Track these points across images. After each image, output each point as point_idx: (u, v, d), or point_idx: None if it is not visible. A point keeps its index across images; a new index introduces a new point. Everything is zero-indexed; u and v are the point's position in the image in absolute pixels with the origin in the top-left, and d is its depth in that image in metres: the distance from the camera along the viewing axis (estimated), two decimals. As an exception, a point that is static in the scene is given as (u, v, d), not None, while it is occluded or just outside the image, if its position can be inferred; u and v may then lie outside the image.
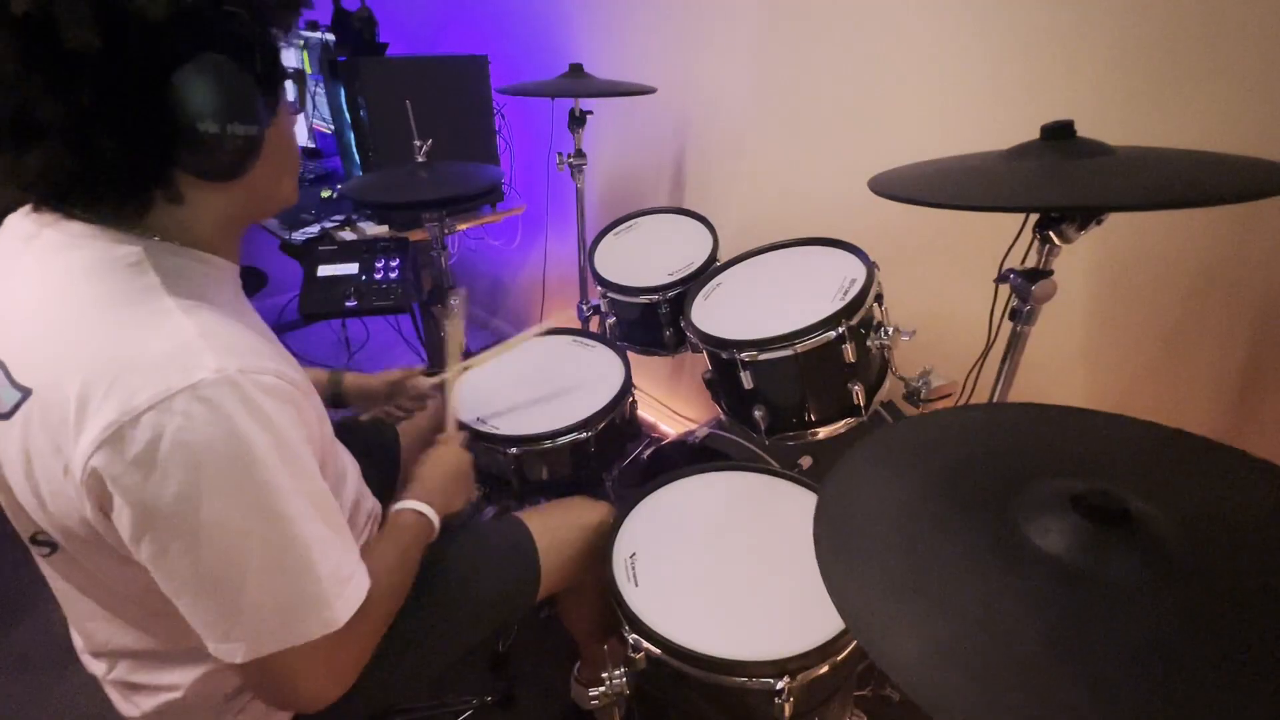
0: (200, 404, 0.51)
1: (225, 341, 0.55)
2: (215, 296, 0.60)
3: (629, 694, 0.84)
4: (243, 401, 0.53)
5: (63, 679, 1.38)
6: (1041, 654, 0.41)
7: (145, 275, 0.56)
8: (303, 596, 0.58)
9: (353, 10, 1.86)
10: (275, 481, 0.55)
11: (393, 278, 1.48)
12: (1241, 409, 1.03)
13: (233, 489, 0.53)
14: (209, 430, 0.51)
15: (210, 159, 0.56)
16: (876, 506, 0.54)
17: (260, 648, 0.57)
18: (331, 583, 0.59)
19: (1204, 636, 0.40)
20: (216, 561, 0.54)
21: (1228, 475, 0.53)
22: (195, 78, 0.52)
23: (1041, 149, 0.73)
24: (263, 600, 0.56)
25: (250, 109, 0.56)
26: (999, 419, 0.66)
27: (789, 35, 1.36)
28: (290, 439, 0.57)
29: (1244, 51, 0.89)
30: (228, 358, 0.53)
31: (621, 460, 1.54)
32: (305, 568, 0.57)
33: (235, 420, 0.52)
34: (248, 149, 0.57)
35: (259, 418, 0.54)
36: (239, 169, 0.58)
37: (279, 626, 0.57)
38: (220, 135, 0.54)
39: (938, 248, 1.29)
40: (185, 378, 0.51)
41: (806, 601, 0.81)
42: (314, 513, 0.59)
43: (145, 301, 0.55)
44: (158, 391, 0.50)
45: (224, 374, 0.52)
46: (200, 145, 0.54)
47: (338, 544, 0.62)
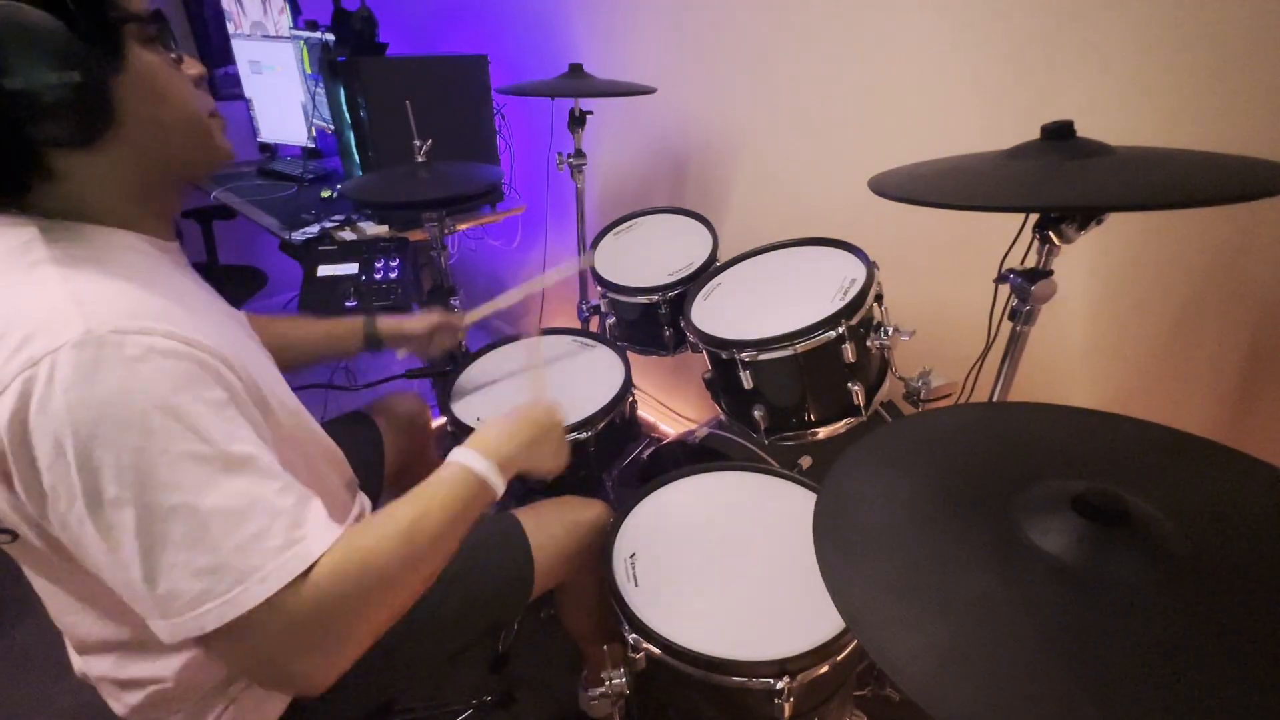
0: (63, 369, 0.48)
1: (103, 303, 0.52)
2: (121, 266, 0.57)
3: (629, 694, 0.84)
4: (111, 362, 0.49)
5: (63, 679, 1.37)
6: (1041, 654, 0.41)
7: (31, 252, 0.54)
8: (203, 571, 0.51)
9: (353, 10, 1.85)
10: (158, 446, 0.50)
11: (393, 278, 1.48)
12: (1241, 409, 1.03)
13: (102, 455, 0.49)
14: (73, 396, 0.48)
15: (46, 121, 0.52)
16: (876, 506, 0.54)
17: (179, 629, 0.51)
18: (244, 554, 0.52)
19: (1204, 636, 0.40)
20: (103, 535, 0.50)
21: (1228, 475, 0.53)
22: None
23: (1041, 149, 0.73)
24: (158, 577, 0.51)
25: (61, 54, 0.51)
26: (999, 419, 0.66)
27: (789, 35, 1.36)
28: (180, 399, 0.52)
29: (1244, 51, 0.89)
30: (99, 318, 0.50)
31: (621, 460, 1.54)
32: (202, 540, 0.51)
33: (102, 383, 0.49)
34: (83, 102, 0.53)
35: (133, 378, 0.50)
36: (86, 127, 0.54)
37: (186, 605, 0.51)
38: (36, 91, 0.50)
39: (938, 248, 1.29)
40: (48, 344, 0.48)
41: (806, 601, 0.81)
42: (222, 476, 0.53)
43: (22, 274, 0.53)
44: (22, 362, 0.48)
45: (91, 335, 0.49)
46: (25, 109, 0.50)
47: (267, 508, 0.55)
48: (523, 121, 2.12)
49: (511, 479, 0.74)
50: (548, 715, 1.33)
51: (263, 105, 2.41)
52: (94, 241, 0.57)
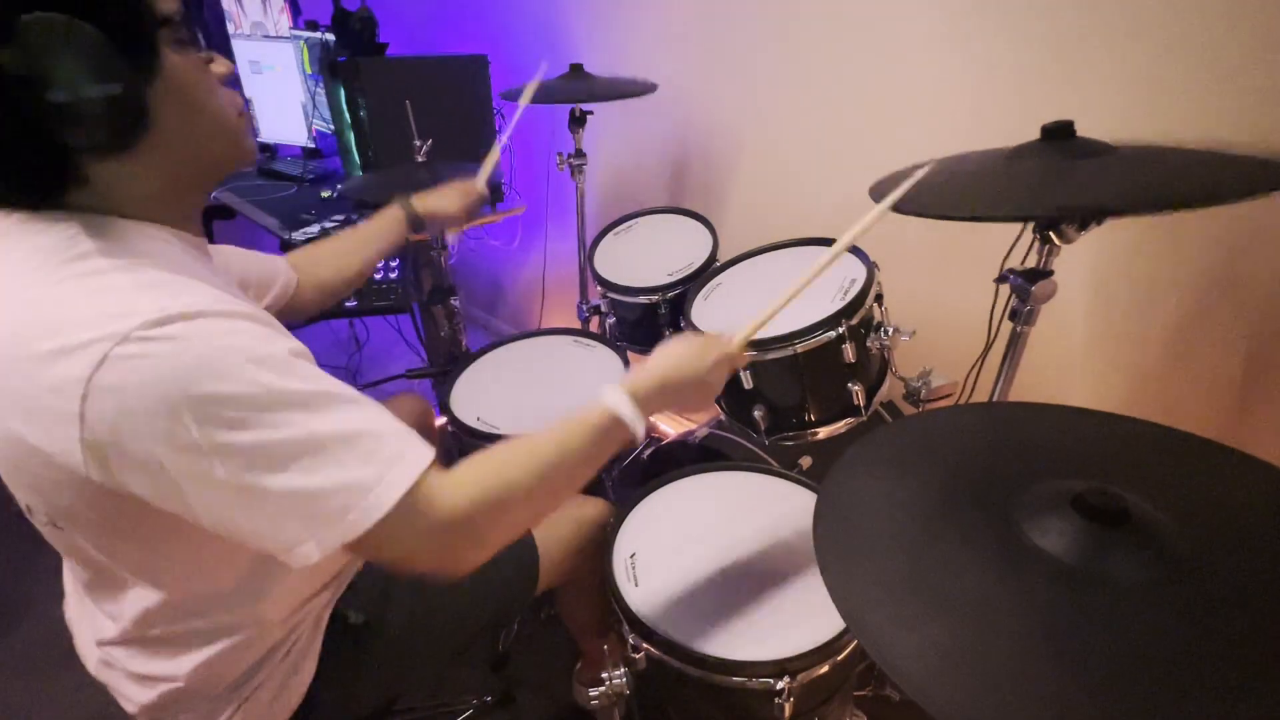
0: (153, 340, 0.49)
1: (167, 288, 0.53)
2: (165, 261, 0.58)
3: (629, 694, 0.84)
4: (196, 329, 0.51)
5: (63, 679, 1.38)
6: (1041, 654, 0.41)
7: (79, 245, 0.54)
8: (336, 491, 0.54)
9: (353, 10, 1.85)
10: (260, 389, 0.52)
11: (393, 278, 1.48)
12: (1241, 409, 1.03)
13: (216, 411, 0.50)
14: (171, 362, 0.49)
15: (83, 131, 0.52)
16: (876, 506, 0.54)
17: (324, 543, 0.54)
18: (369, 467, 0.55)
19: (1204, 636, 0.40)
20: (238, 485, 0.52)
21: (1228, 475, 0.53)
22: (28, 45, 0.49)
23: (1041, 149, 0.73)
24: (297, 506, 0.53)
25: (100, 66, 0.52)
26: (999, 419, 0.66)
27: (789, 35, 1.36)
28: (265, 349, 0.54)
29: (1245, 51, 0.89)
30: (171, 300, 0.52)
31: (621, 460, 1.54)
32: (326, 463, 0.54)
33: (194, 346, 0.50)
34: (120, 111, 0.53)
35: (219, 337, 0.52)
36: (122, 135, 0.55)
37: (330, 517, 0.54)
38: (76, 103, 0.51)
39: (938, 248, 1.29)
40: (128, 321, 0.49)
41: (806, 601, 0.81)
42: (319, 405, 0.55)
43: (76, 267, 0.53)
44: (107, 339, 0.49)
45: (166, 311, 0.50)
46: (63, 119, 0.51)
47: (369, 425, 0.57)
48: (523, 121, 2.11)
49: None
50: (548, 715, 1.33)
51: (263, 105, 2.41)
52: (134, 238, 0.58)
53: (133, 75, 0.54)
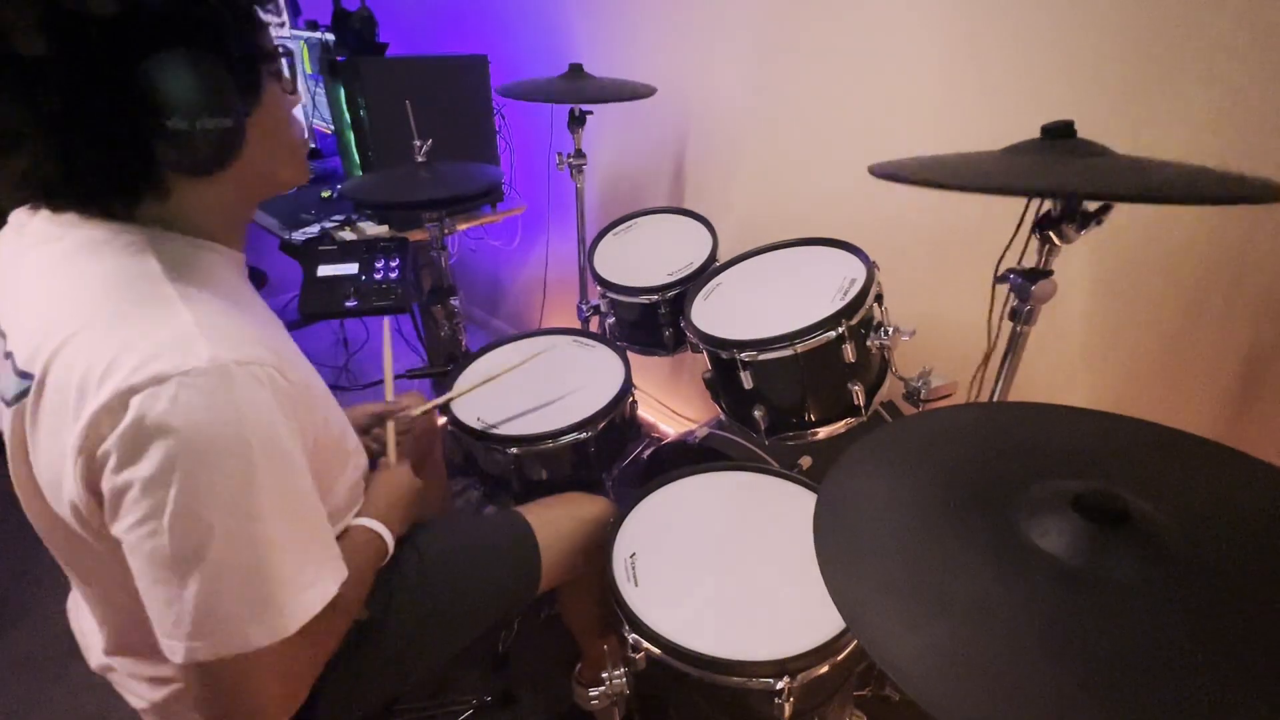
0: (188, 390, 0.51)
1: (223, 331, 0.55)
2: (217, 284, 0.60)
3: (629, 694, 0.84)
4: (231, 391, 0.53)
5: (63, 679, 1.37)
6: (1041, 654, 0.41)
7: (146, 262, 0.56)
8: (254, 599, 0.55)
9: (353, 10, 1.85)
10: (250, 475, 0.54)
11: (393, 278, 1.48)
12: (1241, 409, 1.03)
13: (206, 477, 0.52)
14: (193, 416, 0.51)
15: (185, 155, 0.55)
16: (876, 506, 0.54)
17: (199, 650, 0.54)
18: (290, 588, 0.57)
19: (1204, 636, 0.40)
20: (175, 548, 0.52)
21: (1228, 475, 0.53)
22: (158, 75, 0.51)
23: (1041, 147, 0.73)
24: (212, 598, 0.54)
25: (221, 101, 0.55)
26: (999, 419, 0.66)
27: (789, 35, 1.36)
28: (276, 434, 0.56)
29: (1245, 51, 0.89)
30: (222, 347, 0.53)
31: (621, 460, 1.54)
32: (261, 568, 0.55)
33: (220, 409, 0.52)
34: (225, 141, 0.56)
35: (246, 409, 0.53)
36: (219, 162, 0.57)
37: (222, 630, 0.54)
38: (191, 131, 0.53)
39: (938, 247, 1.29)
40: (178, 364, 0.51)
41: (806, 601, 0.81)
42: (287, 512, 0.57)
43: (145, 288, 0.55)
44: (149, 375, 0.50)
45: (216, 363, 0.52)
46: (173, 142, 0.54)
47: (306, 548, 0.60)
48: (523, 121, 2.12)
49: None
50: (548, 715, 1.32)
51: (263, 105, 2.41)
52: (195, 258, 0.60)
53: (240, 108, 0.58)
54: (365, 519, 0.78)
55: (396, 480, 0.88)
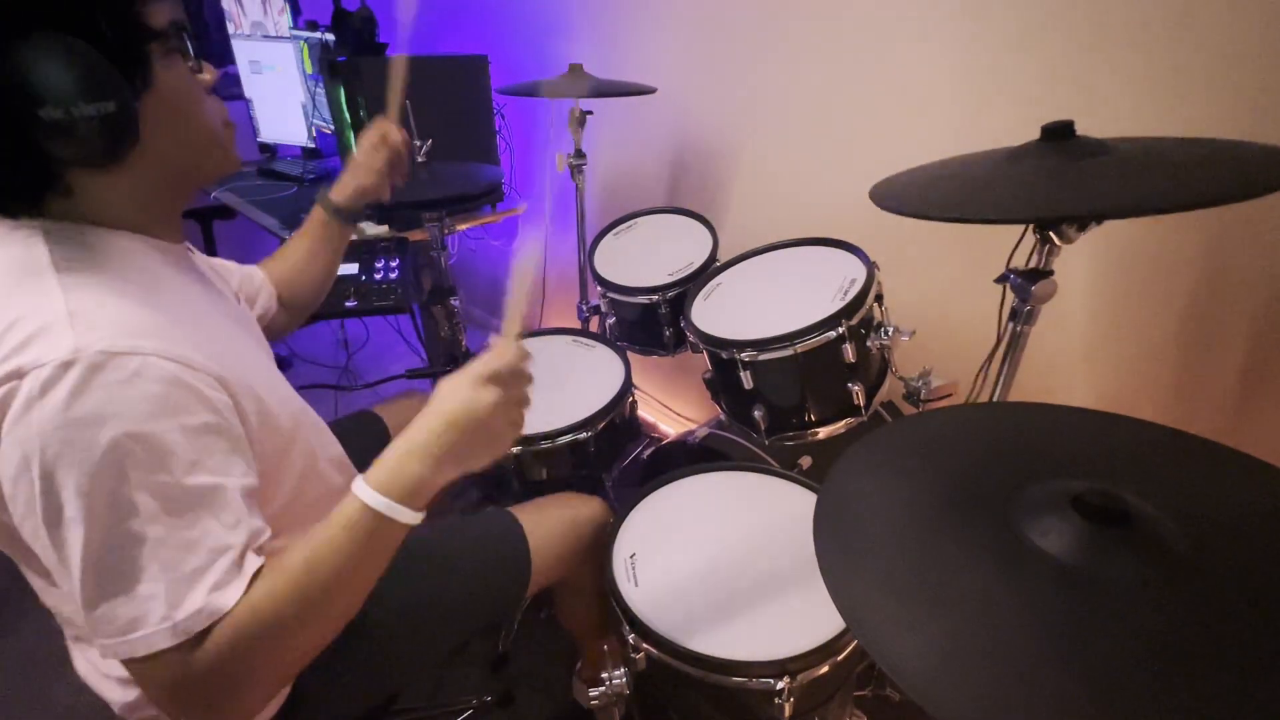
0: (43, 385, 0.49)
1: (104, 319, 0.52)
2: (127, 272, 0.57)
3: (629, 694, 0.84)
4: (92, 385, 0.49)
5: (63, 679, 1.37)
6: (1041, 654, 0.41)
7: (34, 250, 0.54)
8: (128, 606, 0.51)
9: (353, 10, 1.85)
10: (119, 471, 0.50)
11: (393, 278, 1.48)
12: (1242, 409, 1.03)
13: (64, 477, 0.49)
14: (49, 414, 0.49)
15: (74, 146, 0.52)
16: (876, 506, 0.54)
17: (117, 649, 0.52)
18: (154, 602, 0.51)
19: (1204, 636, 0.40)
20: (55, 549, 0.51)
21: (1228, 475, 0.53)
22: (21, 62, 0.48)
23: (1041, 150, 0.73)
24: (94, 599, 0.51)
25: (97, 84, 0.51)
26: (999, 419, 0.66)
27: (789, 35, 1.36)
28: (157, 427, 0.52)
29: (1244, 51, 0.89)
30: (91, 337, 0.50)
31: (621, 460, 1.54)
32: (127, 574, 0.51)
33: (80, 405, 0.49)
34: (112, 128, 0.52)
35: (114, 401, 0.50)
36: (112, 151, 0.54)
37: (113, 631, 0.52)
38: (69, 120, 0.50)
39: (938, 247, 1.29)
40: (37, 357, 0.49)
41: (806, 601, 0.81)
42: (169, 511, 0.52)
43: (24, 279, 0.53)
44: (7, 372, 0.49)
45: (79, 354, 0.49)
46: (55, 133, 0.50)
47: (186, 556, 0.53)
48: (523, 121, 2.12)
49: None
50: (548, 715, 1.33)
51: (263, 105, 2.41)
52: (99, 247, 0.57)
53: (126, 91, 0.54)
54: (357, 485, 0.58)
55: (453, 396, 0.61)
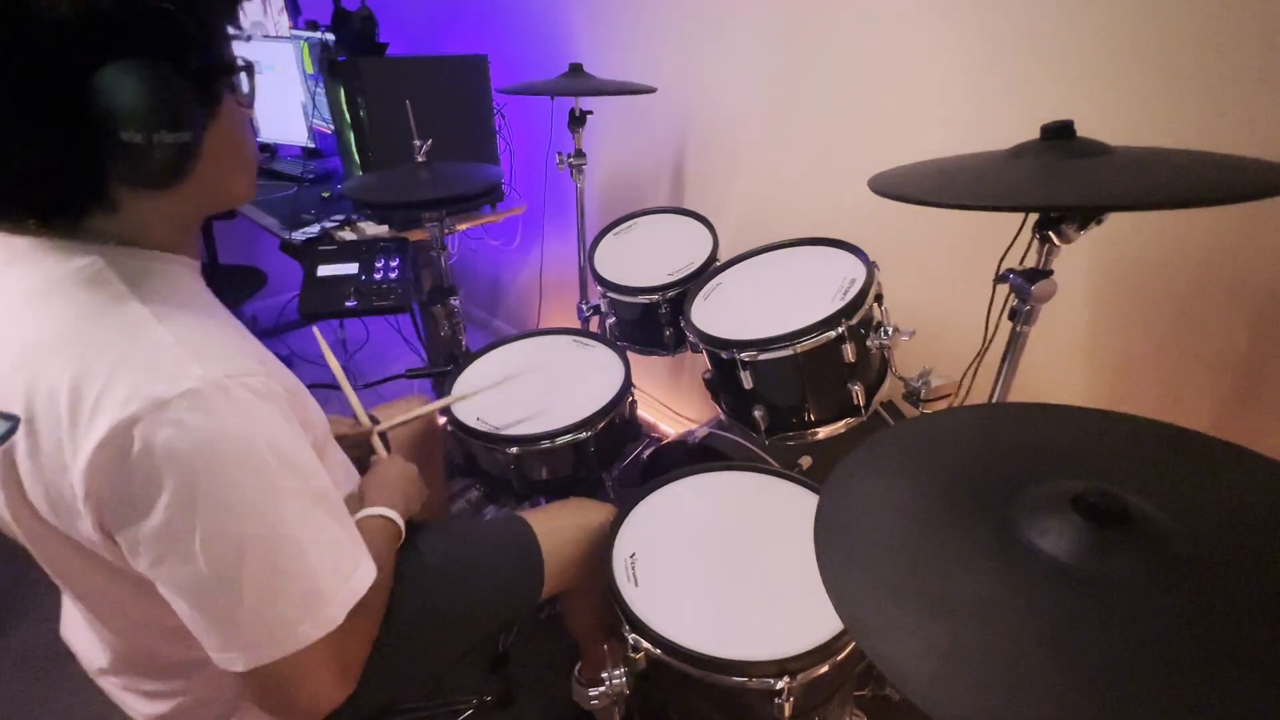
0: (189, 412, 0.50)
1: (206, 347, 0.55)
2: (184, 298, 0.59)
3: (629, 694, 0.84)
4: (231, 406, 0.53)
5: (63, 679, 1.38)
6: (1041, 654, 0.41)
7: (110, 285, 0.54)
8: (301, 598, 0.57)
9: (353, 10, 1.85)
10: (268, 483, 0.54)
11: (393, 278, 1.48)
12: (1241, 408, 1.03)
13: (226, 494, 0.52)
14: (199, 436, 0.51)
15: (139, 168, 0.53)
16: (876, 506, 0.54)
17: (260, 656, 0.56)
18: (330, 580, 0.59)
19: (1204, 636, 0.40)
20: (213, 568, 0.53)
21: (1228, 475, 0.53)
22: (114, 84, 0.49)
23: (1041, 149, 0.73)
24: (260, 606, 0.55)
25: (180, 115, 0.53)
26: (999, 419, 0.66)
27: (789, 35, 1.36)
28: (283, 439, 0.57)
29: (1244, 51, 0.89)
30: (211, 363, 0.53)
31: (621, 460, 1.54)
32: (301, 568, 0.57)
33: (225, 425, 0.52)
34: (181, 156, 0.54)
35: (249, 420, 0.54)
36: (173, 176, 0.55)
37: (277, 632, 0.56)
38: (147, 145, 0.51)
39: (938, 248, 1.29)
40: (173, 387, 0.50)
41: (806, 601, 0.81)
42: (312, 510, 0.58)
43: (116, 313, 0.54)
44: (146, 402, 0.50)
45: (210, 379, 0.52)
46: (126, 155, 0.51)
47: (339, 539, 0.62)
48: (523, 121, 2.12)
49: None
50: (548, 715, 1.32)
51: (263, 105, 2.40)
52: (156, 272, 0.58)
53: (200, 122, 0.55)
54: (371, 508, 0.80)
55: (392, 468, 0.90)
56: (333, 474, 0.75)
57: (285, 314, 2.77)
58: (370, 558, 0.66)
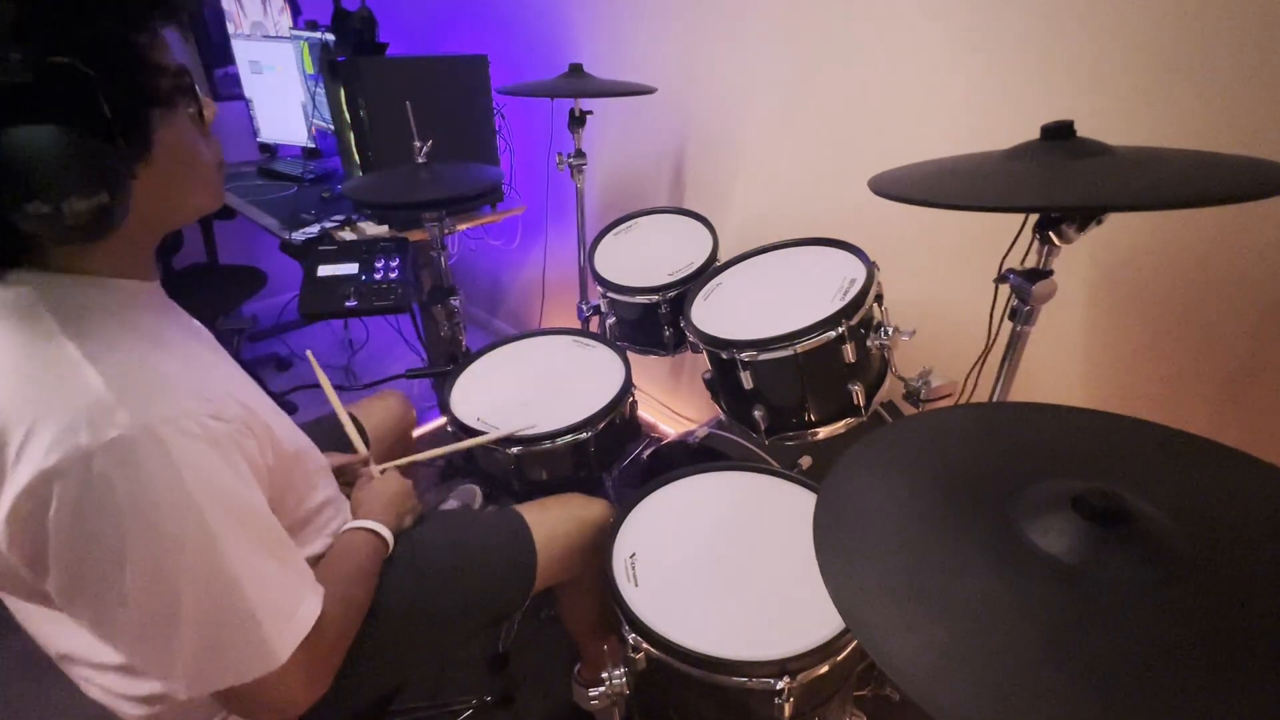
0: (115, 466, 0.48)
1: (137, 387, 0.52)
2: (124, 326, 0.56)
3: (629, 694, 0.84)
4: (160, 453, 0.50)
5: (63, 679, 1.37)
6: (1041, 654, 0.41)
7: (40, 321, 0.51)
8: (240, 639, 0.57)
9: (353, 10, 1.85)
10: (204, 532, 0.53)
11: (393, 278, 1.48)
12: (1241, 408, 1.03)
13: (156, 544, 0.51)
14: (128, 487, 0.49)
15: (55, 232, 0.49)
16: (876, 506, 0.54)
17: (202, 686, 0.57)
18: (271, 622, 0.58)
19: (1204, 636, 0.40)
20: (150, 612, 0.53)
21: (1228, 475, 0.53)
22: (7, 153, 0.45)
23: (1041, 149, 0.73)
24: (199, 646, 0.55)
25: (94, 174, 0.48)
26: (999, 419, 0.66)
27: (789, 35, 1.36)
28: (219, 481, 0.55)
29: (1244, 51, 0.89)
30: (141, 408, 0.50)
31: (621, 460, 1.54)
32: (242, 613, 0.56)
33: (154, 474, 0.50)
34: (101, 214, 0.49)
35: (182, 467, 0.51)
36: (97, 232, 0.50)
37: (218, 668, 0.57)
38: (56, 214, 0.47)
39: (938, 248, 1.29)
40: (97, 436, 0.48)
41: (806, 601, 0.81)
42: (251, 552, 0.57)
43: (44, 351, 0.51)
44: (70, 452, 0.47)
45: (139, 425, 0.49)
46: (39, 222, 0.47)
47: (280, 579, 0.61)
48: (523, 121, 2.12)
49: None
50: (548, 715, 1.32)
51: (263, 105, 2.41)
52: (97, 300, 0.55)
53: (123, 174, 0.51)
54: (359, 520, 0.82)
55: (389, 485, 0.91)
56: (308, 493, 0.75)
57: (285, 314, 2.77)
58: (317, 594, 0.65)
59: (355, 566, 0.76)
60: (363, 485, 0.92)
